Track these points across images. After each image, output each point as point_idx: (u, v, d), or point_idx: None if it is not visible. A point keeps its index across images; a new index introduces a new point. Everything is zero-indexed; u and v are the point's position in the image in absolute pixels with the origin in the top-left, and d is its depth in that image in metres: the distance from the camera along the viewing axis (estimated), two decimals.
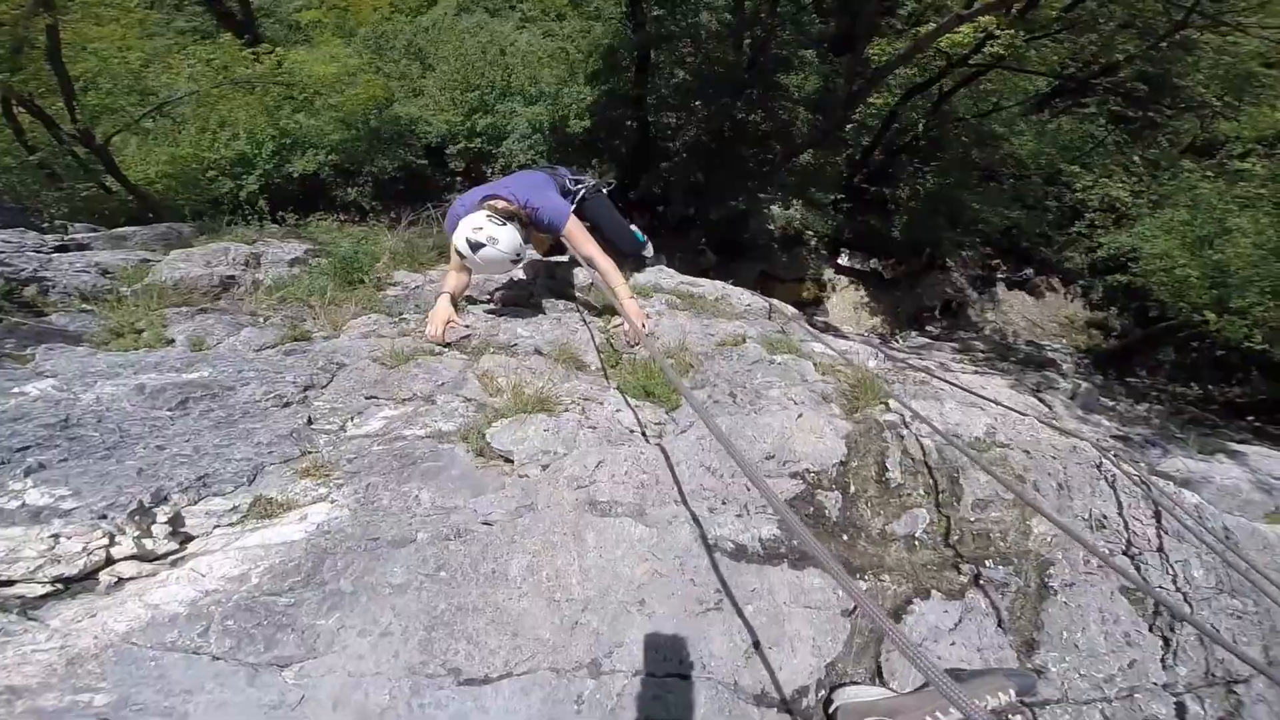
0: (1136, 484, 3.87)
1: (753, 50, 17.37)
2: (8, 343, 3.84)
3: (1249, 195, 13.14)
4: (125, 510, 2.55)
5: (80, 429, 3.02)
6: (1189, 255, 13.34)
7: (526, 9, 22.96)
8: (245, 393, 3.59)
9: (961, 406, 4.34)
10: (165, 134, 14.60)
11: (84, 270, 5.10)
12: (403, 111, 16.69)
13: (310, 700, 2.08)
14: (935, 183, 19.32)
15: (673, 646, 2.51)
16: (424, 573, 2.54)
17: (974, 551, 3.29)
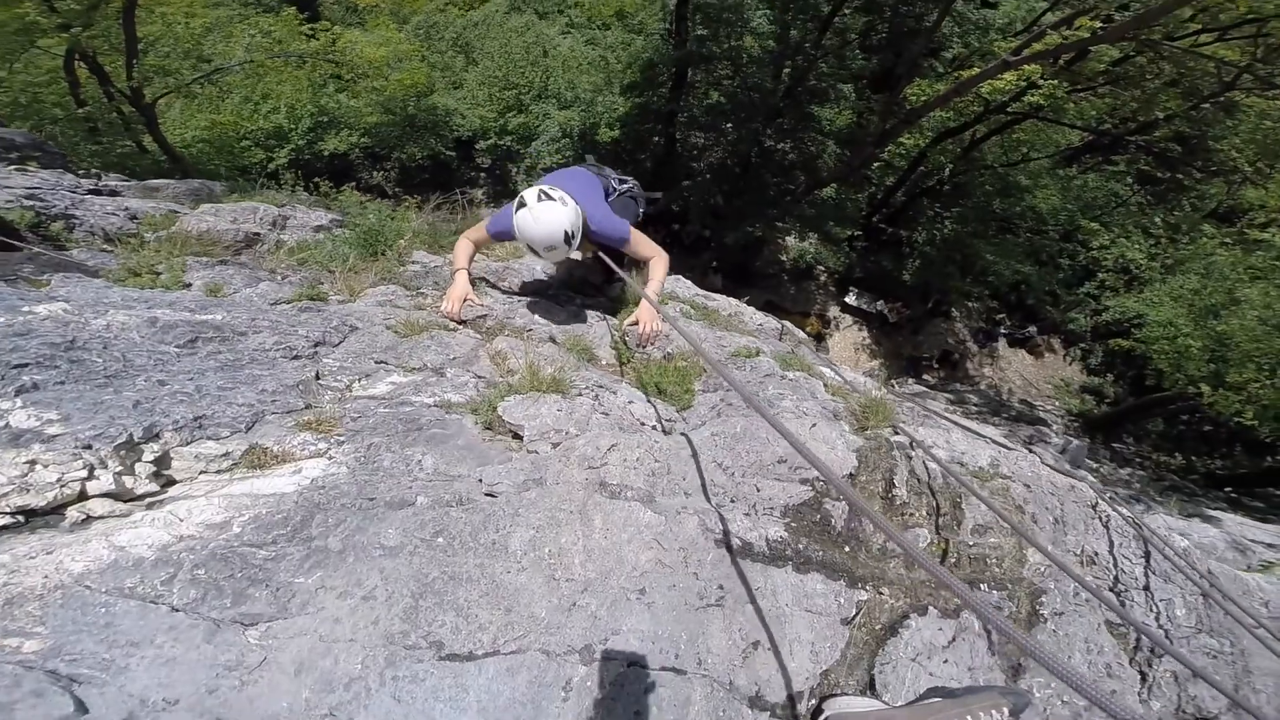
0: (1130, 525, 3.80)
1: (791, 79, 17.11)
2: (26, 268, 3.70)
3: (1262, 266, 12.95)
4: (113, 443, 2.31)
5: (84, 353, 2.80)
6: (1193, 325, 13.34)
7: (574, 15, 22.77)
8: (256, 340, 3.40)
9: (967, 437, 4.23)
10: (210, 100, 14.45)
11: (113, 213, 5.03)
12: (440, 102, 16.60)
13: (271, 664, 1.82)
14: (953, 229, 19.09)
15: (670, 640, 2.26)
16: (420, 537, 2.28)
17: (970, 575, 3.18)
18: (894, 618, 2.86)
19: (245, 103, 14.39)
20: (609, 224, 4.50)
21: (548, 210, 4.04)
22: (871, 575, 2.96)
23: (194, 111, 14.08)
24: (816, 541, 2.95)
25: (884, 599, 2.90)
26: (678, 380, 4.08)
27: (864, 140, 17.23)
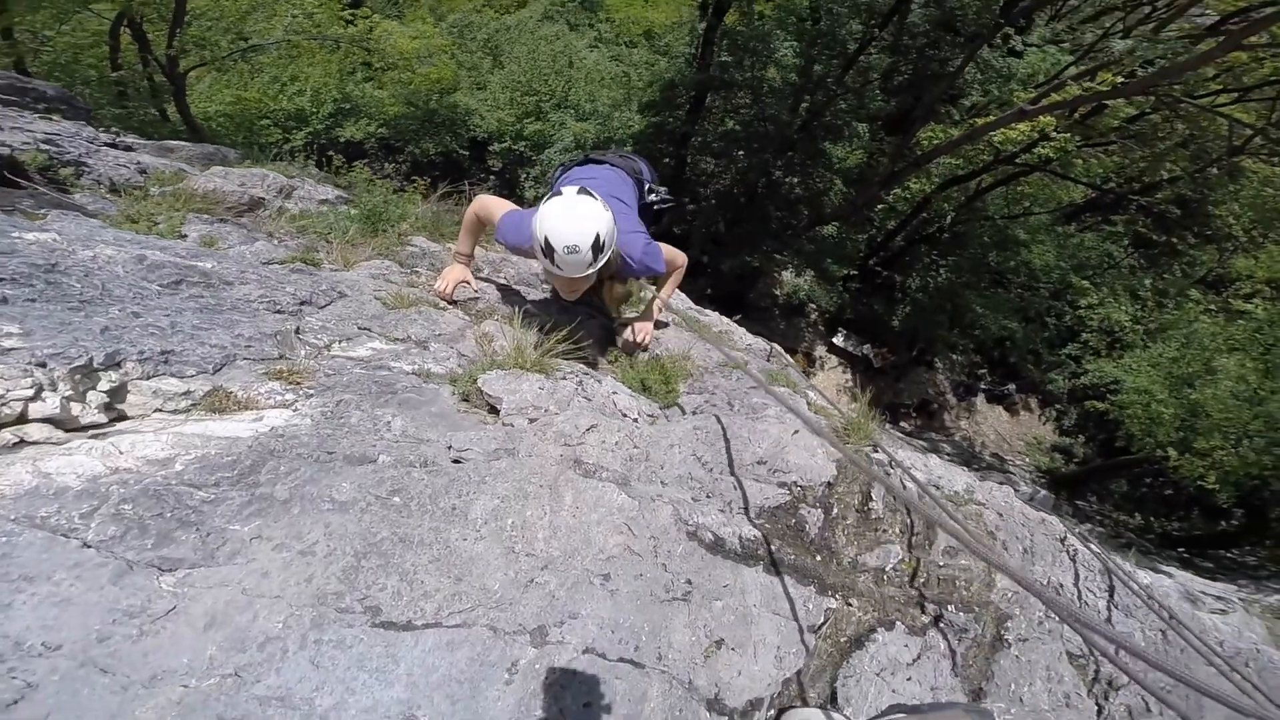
0: (1096, 559, 3.74)
1: (808, 113, 16.99)
2: (25, 202, 3.58)
3: (1241, 338, 13.01)
4: (70, 364, 2.10)
5: (63, 276, 2.64)
6: (1168, 393, 13.47)
7: (604, 30, 22.73)
8: (241, 291, 3.21)
9: (944, 463, 4.17)
10: (241, 77, 14.36)
11: (123, 165, 4.95)
12: (462, 100, 16.48)
13: (180, 614, 1.59)
14: (947, 278, 19.01)
15: (631, 630, 2.05)
16: (376, 494, 2.08)
17: (938, 595, 3.06)
18: (861, 631, 2.71)
19: (273, 82, 14.30)
20: (649, 257, 3.76)
21: (586, 205, 3.29)
22: (842, 585, 2.82)
23: (222, 86, 14.03)
24: (790, 545, 2.80)
25: (852, 610, 2.75)
26: (663, 379, 3.94)
27: (871, 180, 17.17)
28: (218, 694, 1.49)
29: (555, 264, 3.30)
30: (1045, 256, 19.15)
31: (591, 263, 3.30)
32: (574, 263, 3.27)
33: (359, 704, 1.58)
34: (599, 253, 3.29)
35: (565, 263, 3.27)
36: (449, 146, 16.20)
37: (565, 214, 3.25)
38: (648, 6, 23.59)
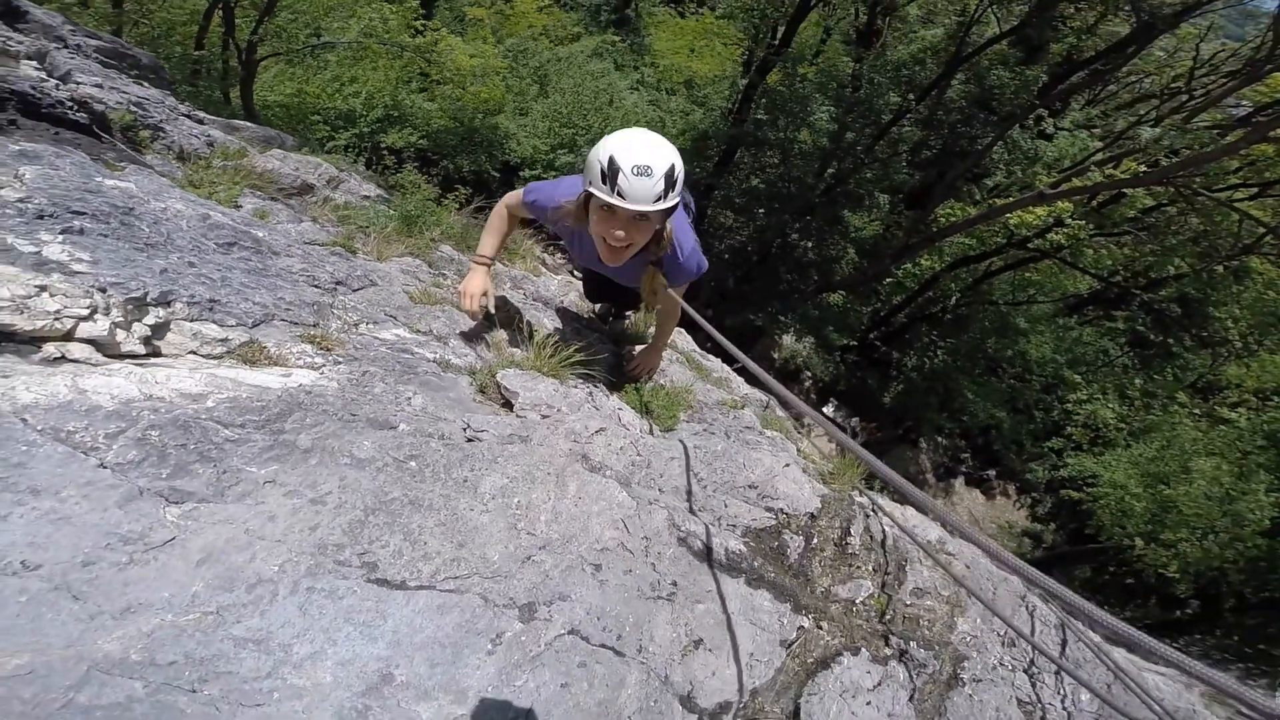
0: (1053, 614, 3.70)
1: (833, 179, 16.92)
2: (109, 154, 3.57)
3: (1220, 444, 13.03)
4: (126, 294, 2.13)
5: (136, 220, 2.65)
6: (1142, 489, 13.43)
7: (647, 74, 22.75)
8: (286, 261, 3.23)
9: (920, 515, 4.06)
10: (307, 71, 14.46)
11: (196, 136, 4.99)
12: (504, 123, 16.38)
13: (177, 546, 1.55)
14: (943, 361, 18.81)
15: (616, 619, 2.03)
16: (394, 456, 2.06)
17: (903, 630, 3.03)
18: (828, 653, 2.69)
19: (333, 80, 14.34)
20: (695, 259, 3.31)
21: (660, 137, 2.71)
22: (815, 607, 2.81)
23: (286, 78, 14.10)
24: (771, 564, 2.79)
25: (822, 633, 2.74)
26: (666, 405, 3.90)
27: (884, 253, 17.02)
28: (193, 630, 1.43)
29: (617, 192, 2.57)
30: (1042, 348, 18.95)
31: (661, 195, 2.61)
32: (641, 189, 2.57)
33: (338, 655, 1.53)
34: (670, 186, 2.64)
35: (631, 188, 2.56)
36: (482, 166, 16.09)
37: (638, 136, 2.65)
38: (693, 57, 23.67)
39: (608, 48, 22.48)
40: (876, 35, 18.73)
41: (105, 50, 5.59)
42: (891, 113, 16.12)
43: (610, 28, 24.61)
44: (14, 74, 3.33)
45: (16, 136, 2.98)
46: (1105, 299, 19.49)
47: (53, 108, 3.34)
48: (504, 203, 3.63)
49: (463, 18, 22.01)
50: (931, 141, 17.21)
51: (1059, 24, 15.17)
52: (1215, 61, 15.95)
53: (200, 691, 1.35)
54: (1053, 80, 15.44)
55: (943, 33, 18.30)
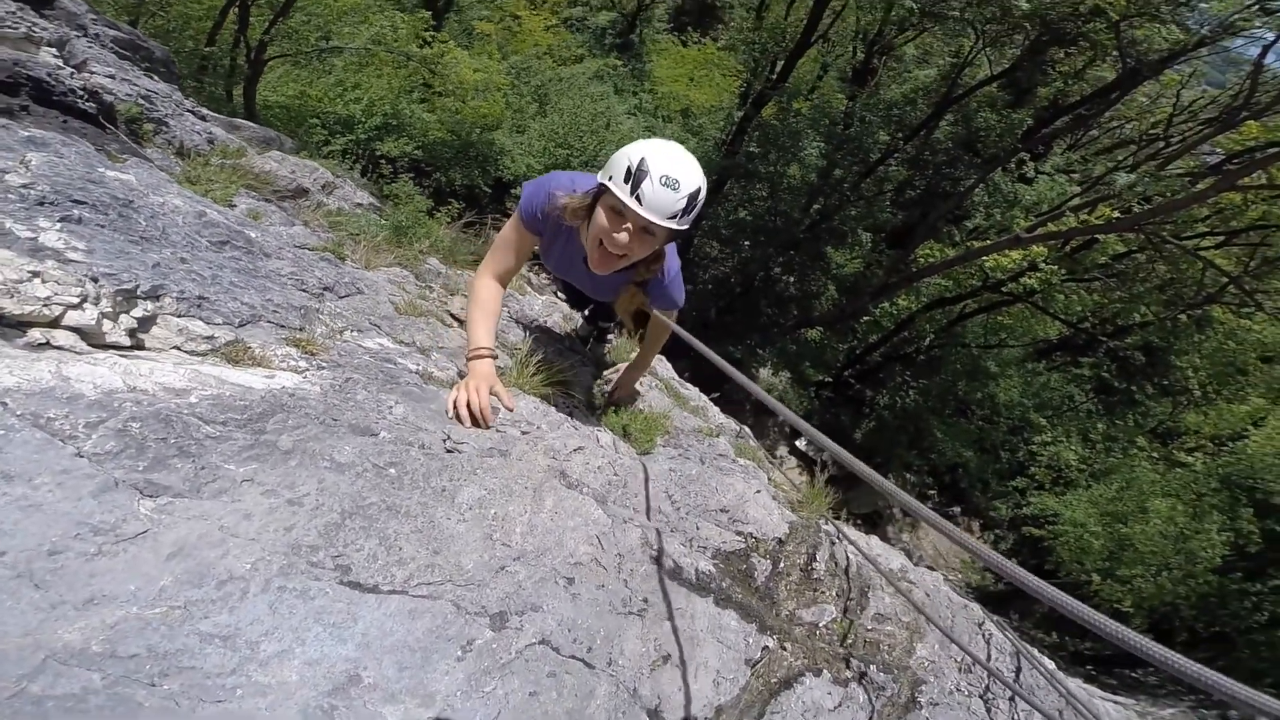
0: (1008, 640, 3.84)
1: (818, 215, 17.00)
2: (112, 145, 3.60)
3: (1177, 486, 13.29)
4: (118, 285, 2.12)
5: (133, 212, 2.65)
6: (1100, 527, 13.70)
7: (645, 100, 22.77)
8: (276, 264, 3.22)
9: (883, 545, 4.29)
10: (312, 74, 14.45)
11: (198, 132, 5.09)
12: (500, 140, 16.35)
13: (149, 538, 1.52)
14: (915, 400, 18.88)
15: (587, 632, 2.02)
16: (374, 462, 2.05)
17: (863, 654, 3.11)
18: (790, 674, 2.72)
19: (336, 85, 14.30)
20: (677, 284, 3.21)
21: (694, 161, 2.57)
22: (780, 629, 2.85)
23: (290, 80, 14.08)
24: (739, 586, 2.84)
25: (785, 654, 2.77)
26: (644, 428, 3.90)
27: (864, 291, 17.12)
28: (159, 624, 1.40)
29: (637, 196, 2.47)
30: (1011, 392, 19.09)
31: (679, 213, 2.53)
32: (663, 200, 2.48)
33: (306, 655, 1.50)
34: (690, 207, 2.57)
35: (653, 196, 2.47)
36: (475, 180, 15.99)
37: (674, 148, 2.56)
38: (692, 86, 23.72)
39: (609, 71, 22.56)
40: (872, 74, 18.95)
41: (122, 41, 5.64)
42: (880, 151, 16.28)
43: (613, 52, 24.74)
44: (33, 60, 3.36)
45: (26, 122, 2.99)
46: (1073, 345, 19.68)
47: (64, 96, 3.36)
48: (483, 280, 3.12)
49: (471, 32, 22.05)
50: (916, 181, 17.40)
51: (1049, 68, 15.41)
52: (1194, 108, 16.23)
53: (160, 686, 1.31)
54: (1037, 124, 15.67)
55: (936, 73, 18.53)
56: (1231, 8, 11.53)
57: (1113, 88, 14.15)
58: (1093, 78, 15.75)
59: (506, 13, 23.32)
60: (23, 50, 3.39)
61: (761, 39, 18.02)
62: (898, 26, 17.16)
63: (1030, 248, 12.33)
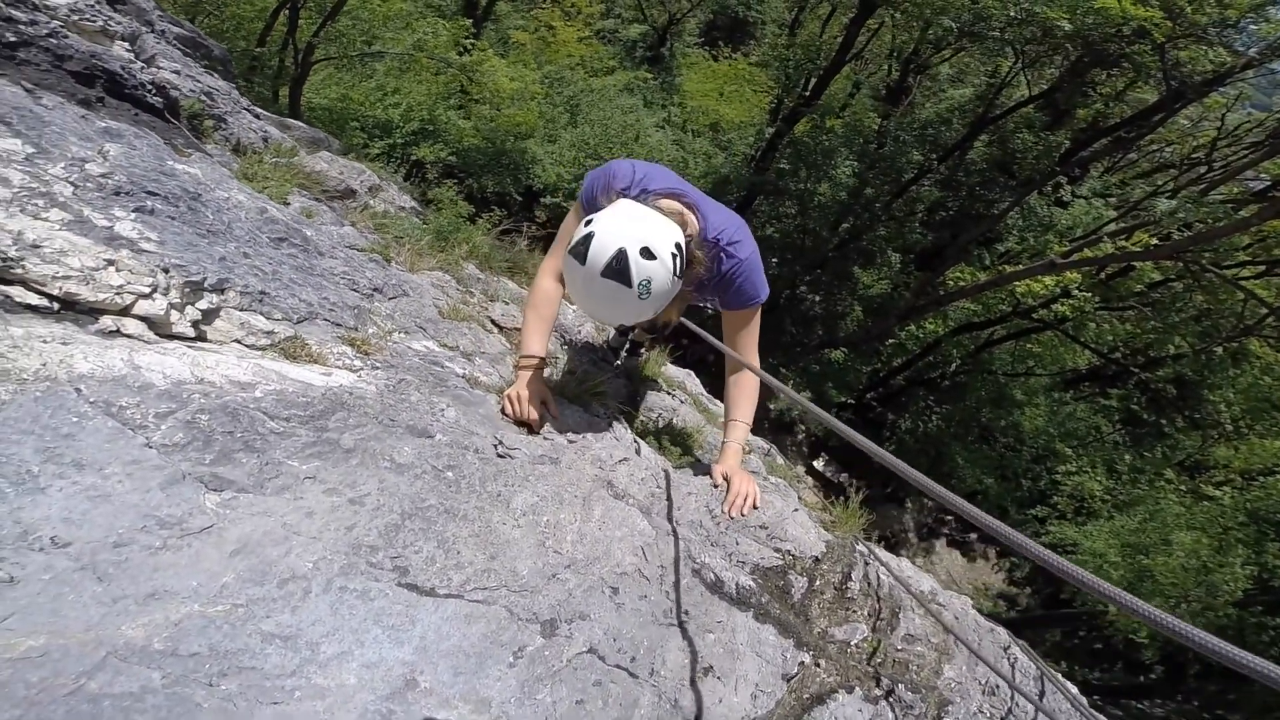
0: (1032, 664, 3.73)
1: (847, 234, 16.80)
2: (178, 140, 3.65)
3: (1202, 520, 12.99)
4: (187, 276, 2.16)
5: (201, 206, 2.71)
6: (1121, 558, 13.44)
7: (674, 114, 22.67)
8: (330, 263, 3.26)
9: (914, 568, 4.15)
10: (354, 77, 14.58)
11: (253, 130, 5.15)
12: (533, 148, 16.34)
13: (214, 533, 1.51)
14: (937, 425, 18.50)
15: (631, 642, 2.00)
16: (433, 464, 2.04)
17: (892, 673, 3.06)
18: (823, 690, 2.68)
19: (377, 90, 14.41)
20: (755, 278, 2.83)
21: (612, 292, 2.26)
22: (814, 645, 2.82)
23: (333, 83, 14.21)
24: (776, 602, 2.80)
25: (819, 671, 2.73)
26: (681, 443, 3.90)
27: (890, 312, 16.89)
28: (222, 622, 1.38)
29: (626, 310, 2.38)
30: (1036, 420, 18.69)
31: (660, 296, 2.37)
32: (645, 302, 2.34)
33: (364, 657, 1.49)
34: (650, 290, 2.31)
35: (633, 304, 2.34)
36: (506, 188, 15.97)
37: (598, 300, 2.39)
38: (721, 101, 23.55)
39: (639, 84, 22.50)
40: (906, 92, 18.78)
41: (184, 39, 5.72)
42: (913, 171, 16.08)
43: (644, 64, 24.74)
44: (108, 52, 3.41)
45: (103, 113, 3.05)
46: (1103, 375, 19.24)
47: (135, 90, 3.40)
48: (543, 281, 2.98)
49: (507, 41, 22.11)
50: (949, 203, 17.14)
51: (1089, 90, 15.12)
52: (1239, 132, 15.62)
53: (218, 686, 1.30)
54: (1074, 146, 15.39)
55: (971, 93, 18.32)
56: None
57: (1154, 110, 13.83)
58: (1133, 100, 15.39)
59: (541, 23, 23.34)
60: (99, 43, 3.44)
61: (795, 56, 17.82)
62: (934, 45, 16.86)
63: (1064, 274, 12.05)
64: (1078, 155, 15.71)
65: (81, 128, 2.63)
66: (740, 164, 18.59)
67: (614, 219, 2.28)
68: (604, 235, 2.24)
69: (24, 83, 2.70)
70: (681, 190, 2.69)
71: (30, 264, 1.80)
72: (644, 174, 2.71)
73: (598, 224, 2.27)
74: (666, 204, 2.53)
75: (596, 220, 2.29)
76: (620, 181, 2.67)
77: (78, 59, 3.06)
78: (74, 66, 3.03)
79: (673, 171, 2.87)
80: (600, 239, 2.23)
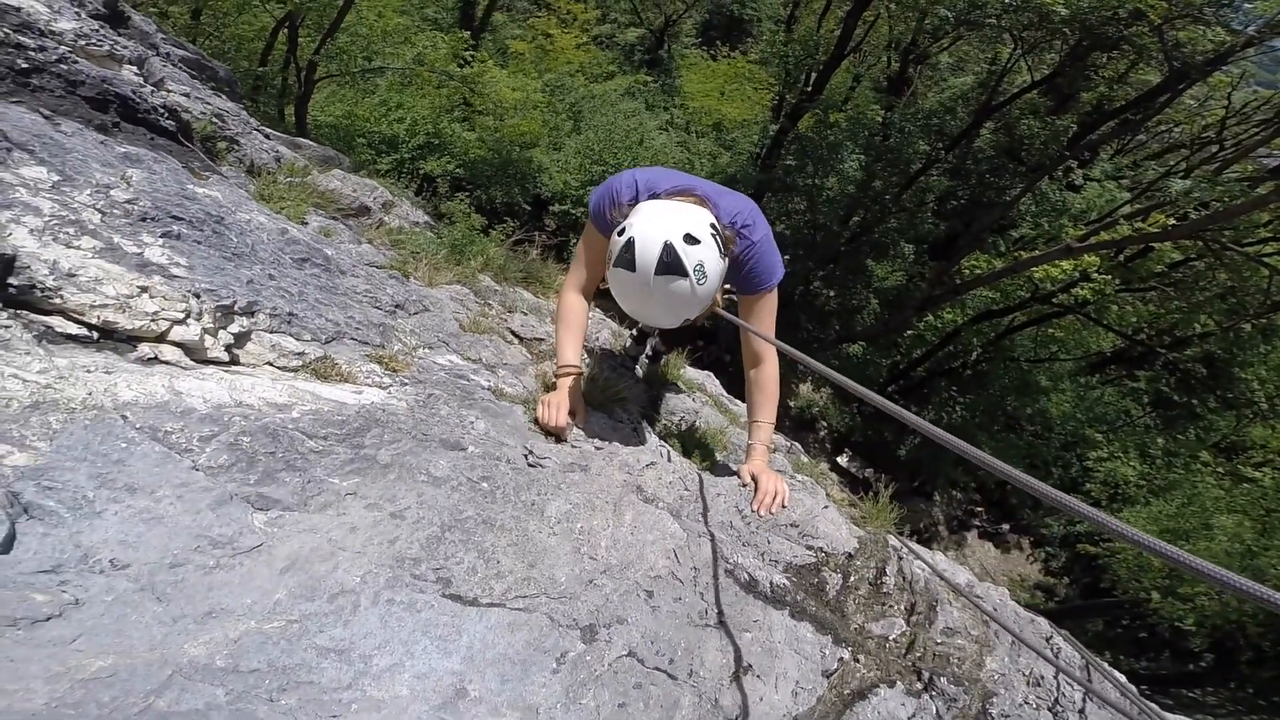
0: (1077, 654, 3.63)
1: (859, 227, 16.69)
2: (195, 163, 3.70)
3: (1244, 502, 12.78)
4: (218, 301, 2.22)
5: (225, 230, 2.76)
6: None
7: (677, 115, 22.66)
8: (352, 281, 3.31)
9: (949, 560, 4.10)
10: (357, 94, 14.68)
11: (265, 151, 5.18)
12: (539, 157, 16.37)
13: (264, 552, 1.55)
14: (961, 416, 18.22)
15: (669, 644, 2.03)
16: (468, 476, 2.09)
17: (934, 666, 3.02)
18: (864, 685, 2.69)
19: (380, 105, 14.49)
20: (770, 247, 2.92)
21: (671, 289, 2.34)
22: (852, 641, 2.82)
23: (337, 100, 14.32)
24: (812, 599, 2.81)
25: (858, 666, 2.74)
26: (706, 445, 3.93)
27: (907, 304, 16.73)
28: (279, 638, 1.42)
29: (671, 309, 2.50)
30: (1063, 406, 18.35)
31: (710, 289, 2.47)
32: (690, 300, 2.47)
33: (415, 668, 1.52)
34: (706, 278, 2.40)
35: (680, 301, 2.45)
36: (514, 198, 16.02)
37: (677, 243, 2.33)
38: (723, 100, 23.50)
39: (640, 87, 22.47)
40: (907, 83, 18.71)
41: (189, 61, 5.77)
42: (920, 161, 15.99)
43: (643, 68, 24.75)
44: (118, 77, 3.44)
45: (120, 139, 3.08)
46: (1128, 358, 18.88)
47: (147, 114, 3.44)
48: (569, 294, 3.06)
49: (505, 51, 22.20)
50: (959, 192, 16.98)
51: (1091, 73, 15.02)
52: (1247, 110, 15.55)
53: (278, 701, 1.33)
54: (1082, 130, 15.23)
55: (973, 81, 18.23)
56: (1276, 7, 11.17)
57: (1159, 91, 13.69)
58: (1137, 81, 15.19)
59: (539, 31, 23.47)
60: (107, 68, 3.48)
61: (794, 51, 17.76)
62: (932, 35, 16.79)
63: (1081, 257, 11.93)
64: (1086, 139, 15.55)
65: (102, 154, 2.68)
66: (746, 162, 18.50)
67: (647, 220, 2.36)
68: (645, 237, 2.30)
69: (42, 109, 2.74)
70: (688, 186, 2.73)
71: (68, 293, 1.85)
72: (646, 179, 2.77)
73: (633, 230, 2.34)
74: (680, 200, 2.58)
75: (630, 228, 2.36)
76: (626, 194, 2.71)
77: (90, 84, 3.11)
78: (87, 92, 3.07)
79: (674, 170, 2.99)
80: (642, 242, 2.30)
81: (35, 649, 1.19)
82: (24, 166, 2.22)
